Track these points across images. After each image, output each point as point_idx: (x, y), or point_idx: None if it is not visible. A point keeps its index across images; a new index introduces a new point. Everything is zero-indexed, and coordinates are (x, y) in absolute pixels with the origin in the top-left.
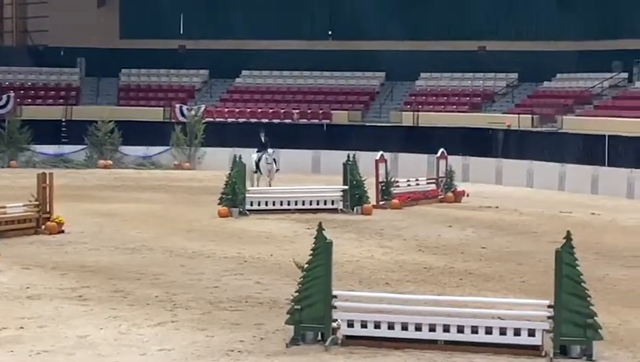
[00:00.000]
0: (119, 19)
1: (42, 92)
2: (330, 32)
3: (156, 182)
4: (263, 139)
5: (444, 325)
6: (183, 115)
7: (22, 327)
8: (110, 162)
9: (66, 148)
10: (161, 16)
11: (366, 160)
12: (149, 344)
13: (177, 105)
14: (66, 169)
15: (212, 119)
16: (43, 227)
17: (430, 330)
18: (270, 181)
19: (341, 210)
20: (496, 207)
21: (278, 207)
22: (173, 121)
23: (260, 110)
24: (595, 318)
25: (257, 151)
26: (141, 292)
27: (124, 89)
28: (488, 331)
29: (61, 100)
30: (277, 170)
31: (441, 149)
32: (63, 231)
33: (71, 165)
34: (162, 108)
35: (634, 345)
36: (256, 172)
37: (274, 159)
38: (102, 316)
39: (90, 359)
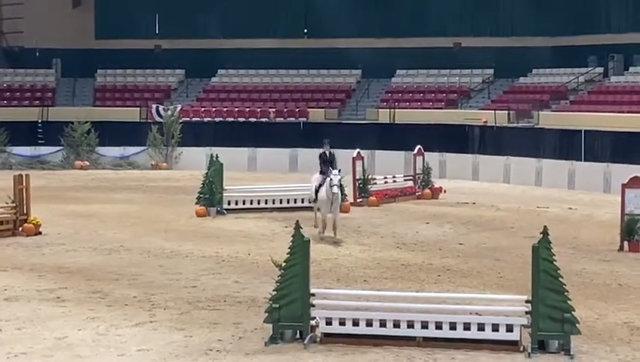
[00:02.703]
0: (94, 19)
1: (18, 93)
2: (305, 30)
3: (133, 182)
4: (327, 153)
5: (423, 322)
6: (159, 115)
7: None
8: (87, 163)
9: (43, 150)
10: (137, 17)
11: (343, 157)
12: (127, 344)
13: (153, 106)
14: (42, 170)
15: (188, 119)
16: (20, 229)
17: (408, 327)
18: (334, 218)
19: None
20: (474, 203)
21: (255, 205)
22: (149, 121)
23: (236, 109)
24: (573, 313)
25: (320, 173)
26: (119, 293)
27: (100, 89)
28: (466, 327)
29: (37, 101)
30: (344, 199)
31: (418, 146)
32: (40, 233)
33: (47, 166)
34: (138, 109)
35: (611, 339)
36: (315, 199)
37: (340, 185)
38: (80, 317)
39: (69, 360)
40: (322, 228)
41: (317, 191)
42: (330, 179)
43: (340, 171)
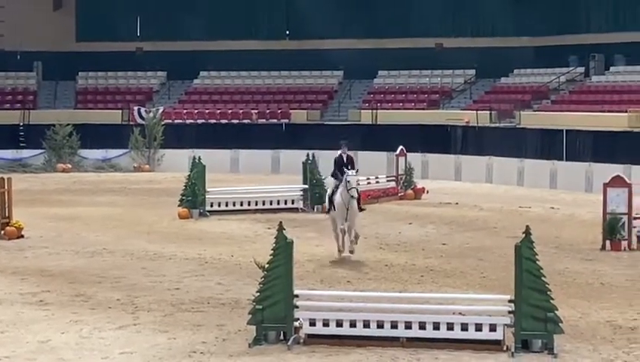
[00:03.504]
0: (75, 22)
1: None
2: (287, 32)
3: (116, 184)
4: (344, 157)
5: (406, 322)
6: (141, 117)
7: None
8: (69, 166)
9: (24, 153)
10: (118, 19)
11: (325, 158)
12: (111, 347)
13: (135, 108)
14: (24, 173)
15: (171, 121)
16: (2, 232)
17: (392, 327)
18: (352, 227)
19: (301, 209)
20: (456, 203)
21: (238, 207)
22: (131, 123)
23: (218, 111)
24: (556, 312)
25: (332, 176)
26: (102, 296)
27: (81, 92)
28: (450, 327)
29: (18, 105)
30: (361, 208)
31: (400, 147)
32: (22, 236)
33: (29, 169)
34: (120, 111)
35: (594, 338)
36: (329, 210)
37: (356, 189)
38: (63, 320)
39: None
40: (341, 243)
41: (331, 199)
42: (347, 181)
43: (357, 171)
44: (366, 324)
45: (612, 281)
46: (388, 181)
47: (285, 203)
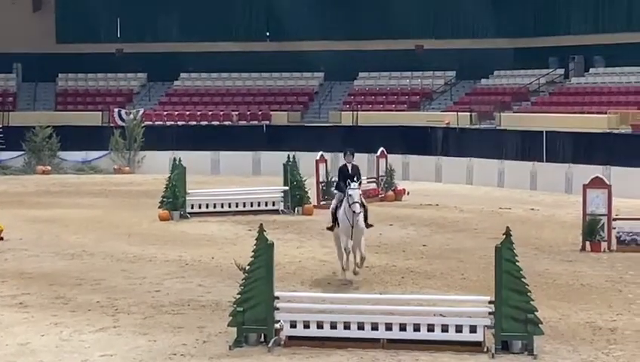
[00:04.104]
0: (55, 23)
1: None
2: (267, 34)
3: (96, 186)
4: (350, 167)
5: (387, 324)
6: (121, 119)
7: None
8: (49, 168)
9: (4, 155)
10: (98, 20)
11: (306, 160)
12: (91, 350)
13: (116, 110)
14: (4, 175)
15: (151, 123)
16: None
17: (372, 329)
18: (358, 247)
19: (282, 211)
20: (437, 205)
21: (219, 209)
22: (111, 125)
23: (199, 113)
24: (536, 313)
25: (336, 189)
26: (82, 298)
27: (61, 94)
28: (430, 328)
29: None
30: (368, 225)
31: (381, 148)
32: (2, 238)
33: (9, 171)
34: (100, 113)
35: (574, 339)
36: (333, 225)
37: (362, 204)
38: (43, 323)
39: None
40: (344, 262)
41: (335, 215)
42: (349, 195)
43: (360, 184)
44: (347, 326)
45: (592, 282)
46: (368, 183)
47: (266, 205)
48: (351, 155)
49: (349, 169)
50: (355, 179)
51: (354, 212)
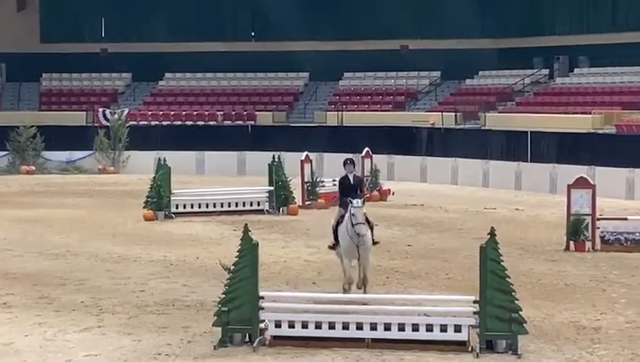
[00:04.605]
0: (39, 23)
1: None
2: (253, 34)
3: (80, 186)
4: (351, 178)
5: (372, 323)
6: (106, 118)
7: None
8: (33, 168)
9: None
10: (82, 20)
11: (291, 160)
12: (75, 350)
13: (100, 109)
14: None
15: (136, 122)
16: None
17: (357, 329)
18: (363, 268)
19: (267, 211)
20: (422, 205)
21: (203, 209)
22: (96, 125)
23: (184, 113)
24: (520, 313)
25: (340, 205)
26: (66, 298)
27: (45, 94)
28: (415, 328)
29: None
30: (374, 242)
31: (366, 148)
32: None
33: None
34: (85, 113)
35: (558, 339)
36: (334, 244)
37: (367, 221)
38: (27, 323)
39: None
40: (346, 282)
41: (335, 232)
42: (352, 215)
43: (364, 201)
44: (331, 326)
45: (576, 282)
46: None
47: (251, 205)
48: (351, 165)
49: (351, 180)
50: (357, 192)
51: (358, 234)
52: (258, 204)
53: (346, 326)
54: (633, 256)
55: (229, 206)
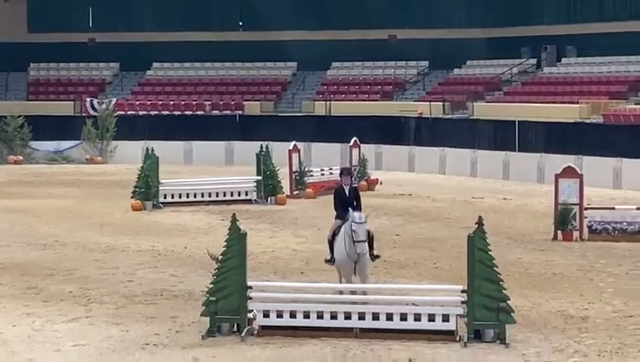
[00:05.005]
0: (27, 12)
1: None
2: (240, 23)
3: (68, 176)
4: (347, 190)
5: (360, 313)
6: (93, 108)
7: None
8: (20, 158)
9: None
10: (70, 10)
11: (279, 150)
12: (63, 340)
13: (88, 99)
14: None
15: (124, 112)
16: None
17: (345, 318)
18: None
19: (255, 200)
20: (410, 195)
21: (191, 199)
22: (84, 115)
23: (172, 102)
24: (508, 302)
25: (336, 218)
26: (55, 288)
27: (33, 83)
28: (403, 318)
29: None
30: (374, 255)
31: (354, 138)
32: None
33: None
34: (73, 103)
35: (546, 328)
36: (330, 260)
37: (368, 233)
38: (15, 313)
39: (4, 356)
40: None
41: (332, 244)
42: (354, 231)
43: (365, 218)
44: (320, 315)
45: (564, 271)
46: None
47: (239, 194)
48: (348, 176)
49: (346, 192)
50: (355, 204)
51: (358, 253)
52: (246, 194)
53: (334, 316)
54: (620, 245)
55: (217, 196)
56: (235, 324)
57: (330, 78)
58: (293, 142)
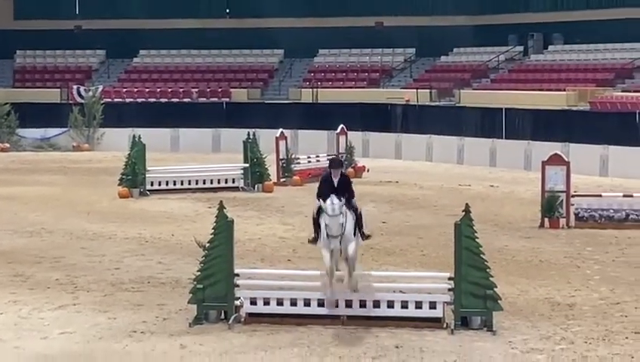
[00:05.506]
0: (13, 0)
1: None
2: (227, 10)
3: (55, 164)
4: (335, 181)
5: (347, 300)
6: (80, 96)
7: None
8: (7, 145)
9: None
10: None
11: (266, 137)
12: (50, 327)
13: (75, 87)
14: None
15: (110, 100)
16: None
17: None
18: (347, 274)
19: (242, 188)
20: (396, 182)
21: (178, 186)
22: (70, 102)
23: (158, 90)
24: (495, 289)
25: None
26: (41, 276)
27: (19, 71)
28: (390, 305)
29: None
30: (364, 234)
31: (341, 125)
32: None
33: None
34: (59, 90)
35: (533, 315)
36: (315, 237)
37: (356, 211)
38: (1, 301)
39: None
40: (329, 283)
41: (317, 223)
42: (326, 225)
43: (342, 205)
44: (307, 303)
45: (550, 259)
46: (328, 159)
47: (226, 182)
48: (339, 169)
49: (334, 182)
50: (337, 194)
51: (330, 248)
52: (233, 181)
53: (321, 304)
54: (607, 232)
55: (204, 183)
56: (223, 312)
57: (317, 65)
58: (280, 130)
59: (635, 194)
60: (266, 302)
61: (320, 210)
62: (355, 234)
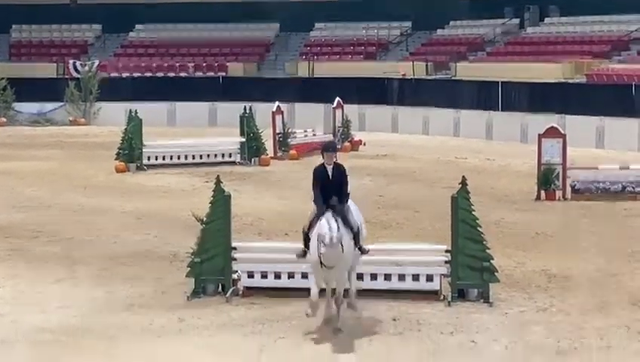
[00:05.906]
0: None
1: None
2: None
3: (51, 138)
4: (330, 171)
5: None
6: (76, 70)
7: None
8: (4, 120)
9: None
10: None
11: (263, 111)
12: (48, 301)
13: (71, 61)
14: None
15: (107, 74)
16: None
17: None
18: (336, 293)
19: (239, 162)
20: (393, 155)
21: (175, 161)
22: (66, 76)
23: (154, 64)
24: (492, 261)
25: (313, 202)
26: (39, 250)
27: (15, 45)
28: (387, 278)
29: None
30: (363, 249)
31: (337, 99)
32: None
33: None
34: (55, 64)
35: (529, 287)
36: (304, 251)
37: (352, 229)
38: None
39: None
40: (312, 307)
41: (307, 237)
42: (321, 254)
43: (339, 236)
44: (304, 276)
45: (547, 231)
46: (325, 135)
47: (223, 156)
48: (333, 153)
49: (330, 174)
50: (340, 190)
51: (323, 264)
52: (230, 156)
53: None
54: (603, 204)
55: (201, 157)
56: (220, 285)
57: (313, 39)
58: (277, 104)
59: (632, 166)
60: (264, 276)
61: (311, 225)
62: (353, 249)
